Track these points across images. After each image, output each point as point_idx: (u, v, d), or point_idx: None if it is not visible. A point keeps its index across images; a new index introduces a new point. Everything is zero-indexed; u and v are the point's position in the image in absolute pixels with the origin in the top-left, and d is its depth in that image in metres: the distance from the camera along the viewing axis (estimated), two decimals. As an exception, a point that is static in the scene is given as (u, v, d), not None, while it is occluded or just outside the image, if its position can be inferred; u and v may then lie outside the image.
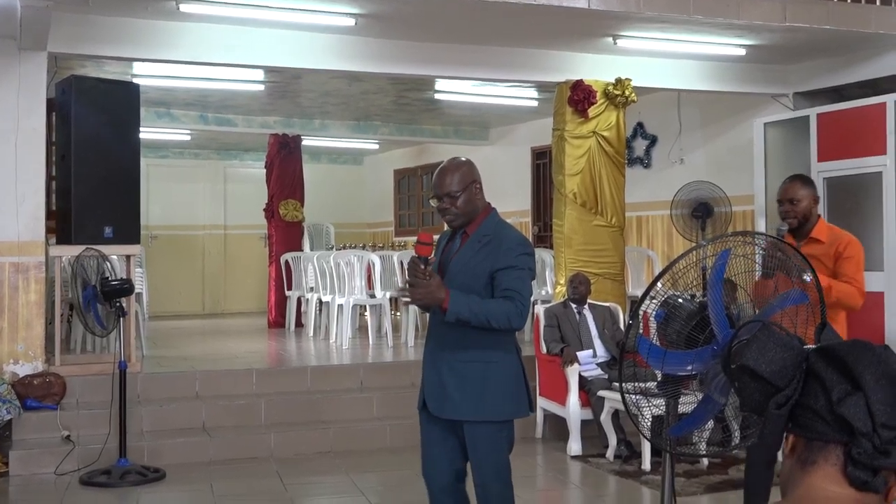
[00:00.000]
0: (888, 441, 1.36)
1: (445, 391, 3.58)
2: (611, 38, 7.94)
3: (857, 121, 7.61)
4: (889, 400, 1.37)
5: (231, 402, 7.30)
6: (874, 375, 1.38)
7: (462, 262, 3.59)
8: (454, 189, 3.57)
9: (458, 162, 3.68)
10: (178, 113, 12.03)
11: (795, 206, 4.53)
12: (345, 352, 9.20)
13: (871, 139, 7.38)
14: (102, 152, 7.20)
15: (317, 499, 6.04)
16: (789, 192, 4.55)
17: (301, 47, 7.79)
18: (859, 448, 1.37)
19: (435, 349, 3.66)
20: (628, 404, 2.76)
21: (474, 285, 3.51)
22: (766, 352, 1.50)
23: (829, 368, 1.42)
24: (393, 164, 16.42)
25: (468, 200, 3.59)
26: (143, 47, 7.43)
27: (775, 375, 1.48)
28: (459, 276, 3.55)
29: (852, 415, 1.37)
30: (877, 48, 8.13)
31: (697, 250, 2.84)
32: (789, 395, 1.45)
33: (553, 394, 7.27)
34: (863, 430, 1.36)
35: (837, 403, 1.38)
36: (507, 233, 3.62)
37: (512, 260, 3.50)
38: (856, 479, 1.37)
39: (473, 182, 3.61)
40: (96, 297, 6.39)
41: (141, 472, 6.22)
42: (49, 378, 6.87)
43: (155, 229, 14.82)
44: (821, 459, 1.40)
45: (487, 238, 3.58)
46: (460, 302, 3.39)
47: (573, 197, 8.40)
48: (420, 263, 3.46)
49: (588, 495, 6.17)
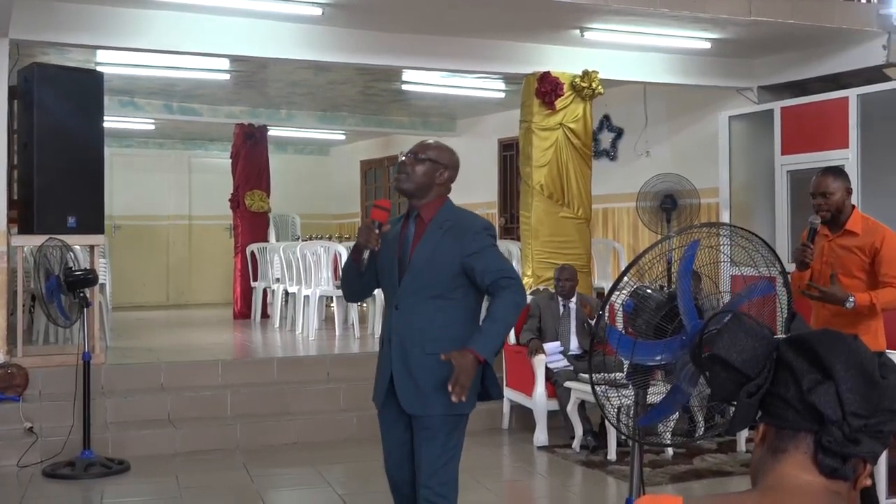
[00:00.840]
0: (857, 429, 1.38)
1: (419, 387, 3.41)
2: (578, 30, 7.96)
3: (821, 115, 7.70)
4: (859, 389, 1.39)
5: (197, 394, 7.25)
6: (844, 365, 1.40)
7: (426, 250, 3.43)
8: (423, 154, 3.48)
9: (446, 146, 3.62)
10: (143, 102, 11.89)
11: (828, 199, 4.48)
12: (311, 343, 9.17)
13: (834, 133, 7.47)
14: (65, 141, 7.11)
15: (283, 490, 6.02)
16: (822, 185, 4.49)
17: (267, 36, 7.73)
18: (829, 436, 1.38)
19: (400, 345, 3.46)
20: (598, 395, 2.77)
21: (442, 275, 3.39)
22: (737, 341, 1.51)
23: (799, 358, 1.43)
24: (359, 155, 16.37)
25: (427, 174, 3.46)
26: (107, 35, 7.33)
27: (746, 365, 1.49)
28: (426, 266, 3.41)
29: (822, 403, 1.39)
30: (840, 43, 8.22)
31: (665, 242, 2.85)
32: (760, 384, 1.47)
33: (520, 385, 7.29)
34: (833, 418, 1.38)
35: (808, 392, 1.40)
36: (468, 217, 3.53)
37: (484, 241, 3.40)
38: (825, 467, 1.39)
39: (444, 167, 3.50)
40: (59, 288, 6.31)
41: (105, 465, 6.16)
42: (11, 369, 6.78)
43: (119, 219, 14.66)
44: (791, 448, 1.41)
45: (449, 223, 3.45)
46: (486, 344, 3.28)
47: (540, 189, 8.42)
48: (374, 228, 3.35)
49: (554, 485, 6.20)
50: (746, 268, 2.75)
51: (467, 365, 3.22)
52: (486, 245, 3.40)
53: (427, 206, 3.50)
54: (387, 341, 3.54)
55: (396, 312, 3.48)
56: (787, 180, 7.91)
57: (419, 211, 3.51)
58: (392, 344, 3.49)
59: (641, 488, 2.90)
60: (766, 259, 2.68)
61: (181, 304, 15.07)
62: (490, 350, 3.29)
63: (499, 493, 6.01)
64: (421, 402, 3.43)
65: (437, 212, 3.49)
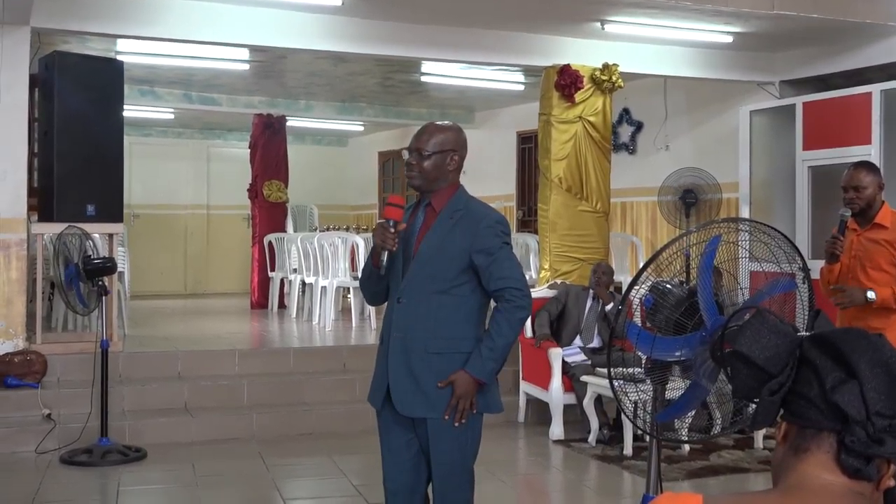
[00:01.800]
0: (882, 429, 1.36)
1: (419, 387, 3.21)
2: (598, 22, 7.92)
3: (843, 110, 7.63)
4: (883, 388, 1.37)
5: (213, 383, 7.27)
6: (869, 363, 1.38)
7: (434, 241, 3.23)
8: (426, 148, 3.23)
9: (445, 125, 3.35)
10: (162, 91, 11.92)
11: (860, 193, 4.48)
12: (327, 334, 9.19)
13: (856, 129, 7.41)
14: (85, 129, 7.13)
15: (298, 480, 6.03)
16: (854, 179, 4.49)
17: (287, 27, 7.73)
18: (853, 436, 1.36)
19: (402, 339, 3.25)
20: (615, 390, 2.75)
21: (449, 268, 3.20)
22: (760, 338, 1.49)
23: (823, 356, 1.41)
24: (377, 147, 16.36)
25: (437, 166, 3.24)
26: (128, 24, 7.35)
27: (769, 362, 1.47)
28: (433, 258, 3.22)
29: (846, 402, 1.36)
30: (863, 38, 8.14)
31: (685, 237, 2.82)
32: (783, 381, 1.45)
33: (536, 378, 7.28)
34: (856, 417, 1.36)
35: (831, 391, 1.38)
36: (481, 209, 3.28)
37: (496, 239, 3.19)
38: (849, 467, 1.37)
39: (453, 151, 3.26)
40: (78, 276, 6.33)
41: (122, 452, 6.18)
42: (30, 356, 6.82)
43: (137, 208, 14.71)
44: (813, 447, 1.40)
45: (460, 213, 3.23)
46: (484, 365, 3.14)
47: (558, 182, 8.39)
48: (389, 227, 3.17)
49: (570, 479, 6.19)
50: (768, 263, 2.72)
51: (466, 389, 3.12)
52: (498, 245, 3.19)
53: (438, 195, 3.29)
54: (387, 337, 3.32)
55: (399, 306, 3.26)
56: (808, 176, 7.85)
57: (430, 200, 3.30)
58: (392, 340, 3.28)
59: (659, 485, 2.88)
60: (787, 255, 2.65)
61: (199, 294, 15.12)
62: (488, 371, 3.16)
63: (514, 486, 6.00)
64: (421, 402, 3.22)
65: (449, 200, 3.27)
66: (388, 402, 3.31)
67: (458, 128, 3.37)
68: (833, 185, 7.67)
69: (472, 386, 3.14)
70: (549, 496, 6.04)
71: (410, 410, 3.25)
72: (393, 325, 3.29)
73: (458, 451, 3.25)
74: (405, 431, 3.31)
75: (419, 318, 3.22)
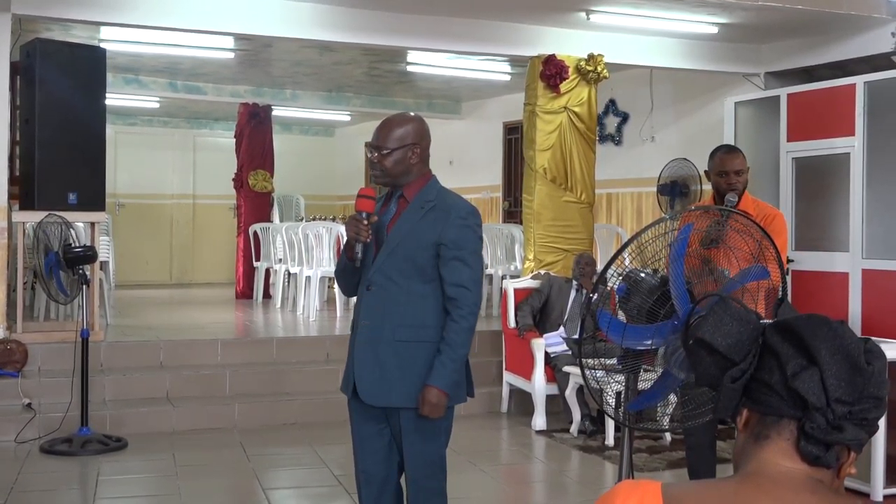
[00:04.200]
0: (841, 416, 1.36)
1: (384, 375, 3.20)
2: (584, 12, 7.89)
3: (827, 102, 7.63)
4: (843, 375, 1.36)
5: (195, 373, 7.25)
6: (829, 350, 1.37)
7: (404, 229, 3.22)
8: (387, 145, 3.22)
9: (403, 118, 3.31)
10: (147, 79, 11.85)
11: (741, 177, 4.36)
12: (312, 324, 9.17)
13: (840, 120, 7.41)
14: (68, 117, 7.09)
15: (280, 470, 6.01)
16: (735, 163, 4.37)
17: (272, 15, 7.69)
18: (812, 423, 1.36)
19: (371, 328, 3.23)
20: (588, 378, 2.75)
21: (418, 256, 3.18)
22: (723, 325, 1.49)
23: (784, 343, 1.41)
24: (364, 137, 16.15)
25: (400, 161, 3.22)
26: (111, 11, 7.29)
27: (731, 349, 1.47)
28: (402, 245, 3.20)
29: (806, 389, 1.36)
30: (847, 30, 8.15)
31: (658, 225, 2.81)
32: (744, 369, 1.44)
33: (519, 369, 7.28)
34: (816, 404, 1.36)
35: (792, 378, 1.37)
36: (453, 200, 3.26)
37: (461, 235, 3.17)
38: (808, 454, 1.37)
39: (414, 145, 3.23)
40: (59, 264, 6.30)
41: (102, 441, 6.17)
42: (10, 345, 6.79)
43: (123, 197, 14.65)
44: (774, 434, 1.39)
45: (431, 204, 3.22)
46: (445, 376, 3.14)
47: (543, 172, 8.37)
48: (362, 219, 3.17)
49: (552, 469, 6.20)
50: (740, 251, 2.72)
51: (436, 404, 3.13)
52: (465, 242, 3.18)
53: (410, 186, 3.28)
54: (356, 325, 3.32)
55: (368, 293, 3.26)
56: (792, 167, 7.86)
57: (402, 191, 3.30)
58: (360, 329, 3.28)
59: (631, 473, 2.88)
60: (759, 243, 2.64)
61: (184, 283, 15.08)
62: (451, 381, 3.17)
63: (496, 477, 6.00)
64: (386, 392, 3.21)
65: (420, 191, 3.27)
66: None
67: (418, 118, 3.34)
68: (817, 177, 7.72)
69: (443, 398, 3.15)
70: (531, 486, 6.05)
71: (375, 400, 3.25)
72: (362, 313, 3.29)
73: (431, 441, 3.27)
74: (376, 421, 3.30)
75: (387, 305, 3.22)
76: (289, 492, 5.67)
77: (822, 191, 7.65)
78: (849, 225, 7.30)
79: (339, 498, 5.30)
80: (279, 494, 5.49)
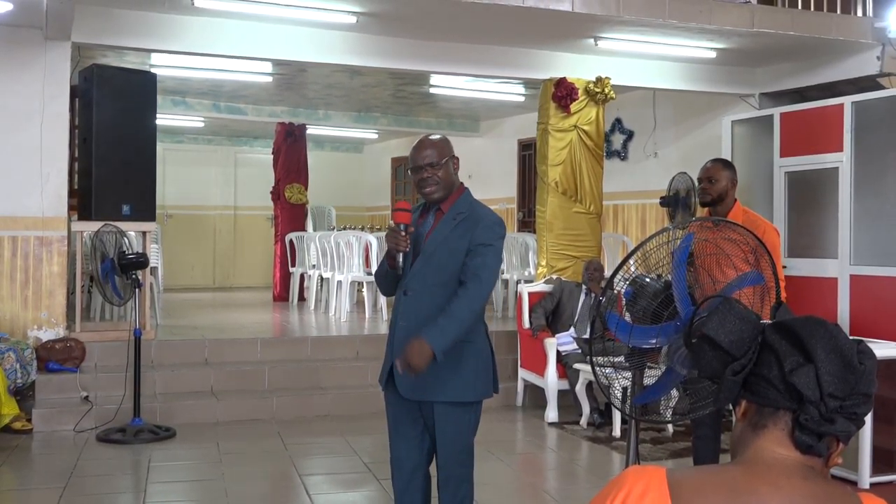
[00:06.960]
0: (833, 409, 1.37)
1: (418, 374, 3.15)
2: (592, 39, 7.90)
3: (817, 120, 7.59)
4: (837, 372, 1.37)
5: (237, 368, 7.29)
6: (825, 349, 1.38)
7: (439, 239, 3.23)
8: (435, 160, 3.23)
9: (436, 137, 3.35)
10: (193, 101, 11.96)
11: (713, 186, 4.38)
12: (343, 324, 9.19)
13: (830, 137, 7.37)
14: (121, 136, 7.16)
15: (314, 458, 6.04)
16: (710, 171, 4.42)
17: (306, 42, 7.74)
18: (807, 415, 1.37)
19: (407, 328, 3.23)
20: (597, 374, 2.75)
21: (451, 263, 3.19)
22: (726, 323, 1.50)
23: (783, 341, 1.42)
24: (390, 153, 16.36)
25: (449, 174, 3.26)
26: (161, 39, 7.36)
27: (733, 345, 1.48)
28: (437, 254, 3.22)
29: (802, 384, 1.37)
30: (836, 53, 8.11)
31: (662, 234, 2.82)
32: (745, 363, 1.45)
33: (533, 366, 7.28)
34: (811, 398, 1.36)
35: (789, 373, 1.38)
36: (483, 211, 3.28)
37: (491, 235, 3.20)
38: (801, 443, 1.37)
39: (453, 157, 3.29)
40: (114, 270, 6.35)
41: (153, 431, 6.21)
42: (70, 343, 6.85)
43: (171, 209, 14.75)
44: (770, 424, 1.40)
45: (463, 215, 3.23)
46: (437, 336, 3.05)
47: (555, 186, 8.38)
48: (400, 231, 3.17)
49: (563, 458, 6.19)
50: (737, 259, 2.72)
51: (418, 353, 3.04)
52: (490, 241, 3.19)
53: (447, 200, 3.31)
54: (394, 325, 3.35)
55: (405, 298, 3.28)
56: (785, 180, 7.82)
57: (440, 205, 3.31)
58: (398, 329, 3.29)
59: (637, 462, 2.88)
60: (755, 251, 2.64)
61: (226, 287, 15.15)
62: (441, 344, 3.06)
63: (512, 465, 6.00)
64: (421, 387, 3.21)
65: (455, 202, 3.28)
66: (392, 382, 3.33)
67: (443, 136, 3.39)
68: (808, 189, 7.67)
69: (426, 353, 3.04)
70: (544, 474, 6.04)
71: (412, 394, 3.26)
72: (400, 316, 3.31)
73: (461, 432, 3.28)
74: (411, 412, 3.32)
75: (423, 309, 3.22)
76: (322, 477, 5.68)
77: (813, 202, 7.60)
78: (838, 234, 7.26)
79: (368, 483, 5.31)
80: (313, 480, 5.51)
